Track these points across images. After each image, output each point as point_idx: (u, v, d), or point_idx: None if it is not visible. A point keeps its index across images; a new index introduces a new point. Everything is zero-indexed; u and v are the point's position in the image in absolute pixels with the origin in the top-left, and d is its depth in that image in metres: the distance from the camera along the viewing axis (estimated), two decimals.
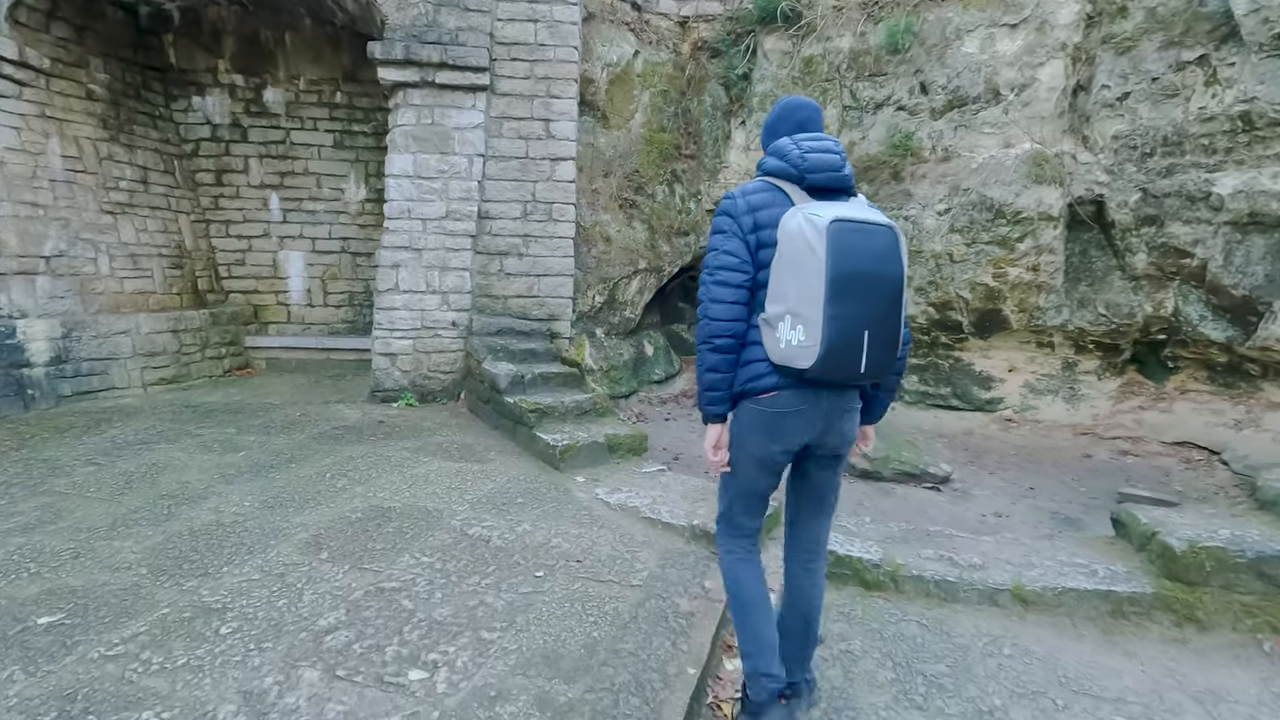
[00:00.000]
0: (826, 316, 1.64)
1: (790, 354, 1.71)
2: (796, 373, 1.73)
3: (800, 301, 1.68)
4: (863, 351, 1.68)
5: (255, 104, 7.31)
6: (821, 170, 1.78)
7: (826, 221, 1.64)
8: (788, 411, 1.78)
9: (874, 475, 4.87)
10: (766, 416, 1.80)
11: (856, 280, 1.66)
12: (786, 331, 1.71)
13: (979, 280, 6.06)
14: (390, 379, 5.79)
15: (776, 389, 1.78)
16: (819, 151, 1.81)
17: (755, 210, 1.81)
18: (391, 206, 5.68)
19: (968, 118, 5.89)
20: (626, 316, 7.17)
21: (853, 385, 1.82)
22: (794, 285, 1.69)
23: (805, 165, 1.78)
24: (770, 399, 1.79)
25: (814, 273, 1.65)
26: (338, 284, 7.72)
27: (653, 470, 4.09)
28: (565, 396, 4.66)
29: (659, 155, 7.40)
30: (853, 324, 1.66)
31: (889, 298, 1.72)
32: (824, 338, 1.65)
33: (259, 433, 4.81)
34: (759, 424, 1.83)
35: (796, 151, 1.81)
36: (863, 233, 1.68)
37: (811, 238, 1.66)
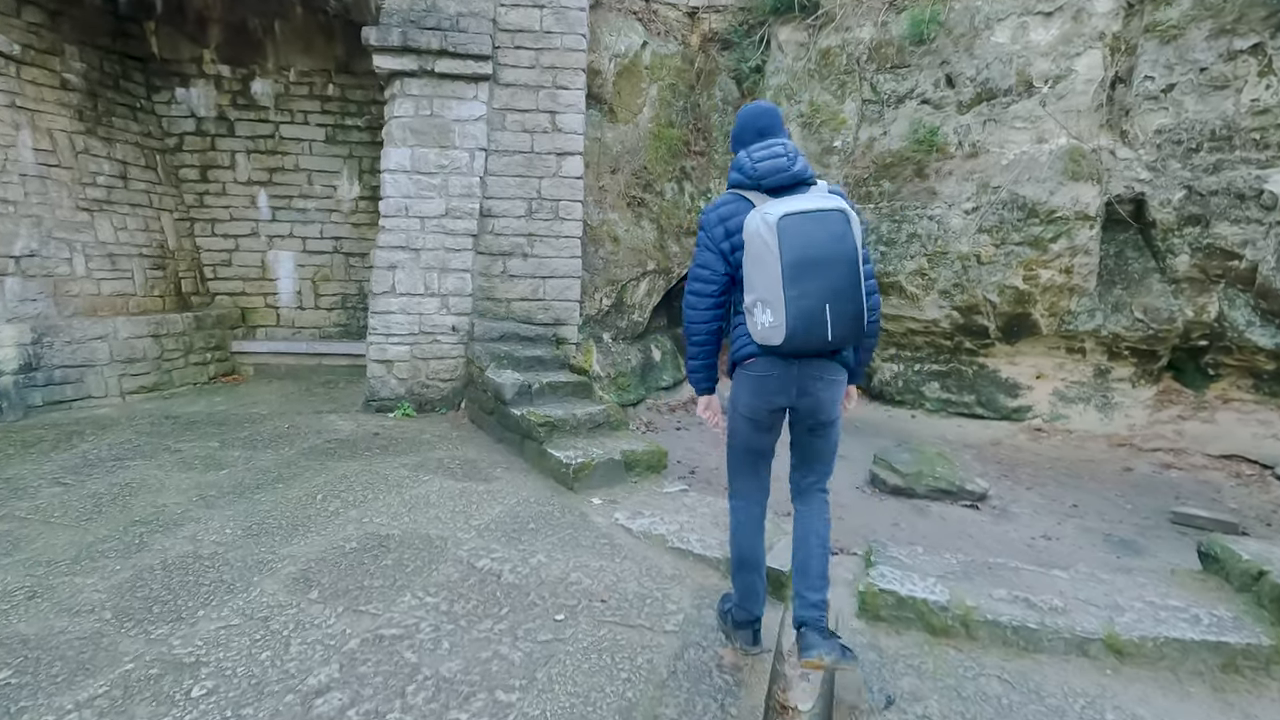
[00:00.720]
0: (787, 298, 1.93)
1: (765, 334, 2.01)
2: (775, 349, 2.02)
3: (766, 289, 1.96)
4: (827, 323, 1.96)
5: (243, 96, 6.94)
6: (772, 173, 2.04)
7: (776, 217, 1.92)
8: (765, 375, 2.11)
9: (907, 492, 4.55)
10: (751, 379, 2.15)
11: (810, 263, 1.92)
12: (760, 315, 2.00)
13: (1008, 283, 5.75)
14: (386, 388, 5.43)
15: (755, 356, 2.11)
16: (768, 158, 2.06)
17: (725, 220, 2.11)
18: (388, 204, 5.32)
19: (998, 111, 5.58)
20: (634, 320, 6.83)
21: (825, 354, 2.09)
22: (759, 276, 1.98)
23: (758, 172, 2.05)
24: (752, 364, 2.14)
25: (771, 263, 1.93)
26: (330, 286, 7.35)
27: (674, 490, 3.76)
28: (576, 408, 4.31)
29: (668, 151, 7.07)
30: (813, 301, 1.93)
31: (845, 273, 1.95)
32: (788, 316, 1.94)
33: (244, 447, 4.44)
34: (746, 386, 2.18)
35: (749, 162, 2.08)
36: (812, 220, 1.94)
37: (765, 233, 1.93)
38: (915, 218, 6.06)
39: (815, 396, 2.11)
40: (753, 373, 2.14)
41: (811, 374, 2.08)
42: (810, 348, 2.00)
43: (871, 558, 2.88)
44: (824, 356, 2.09)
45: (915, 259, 6.12)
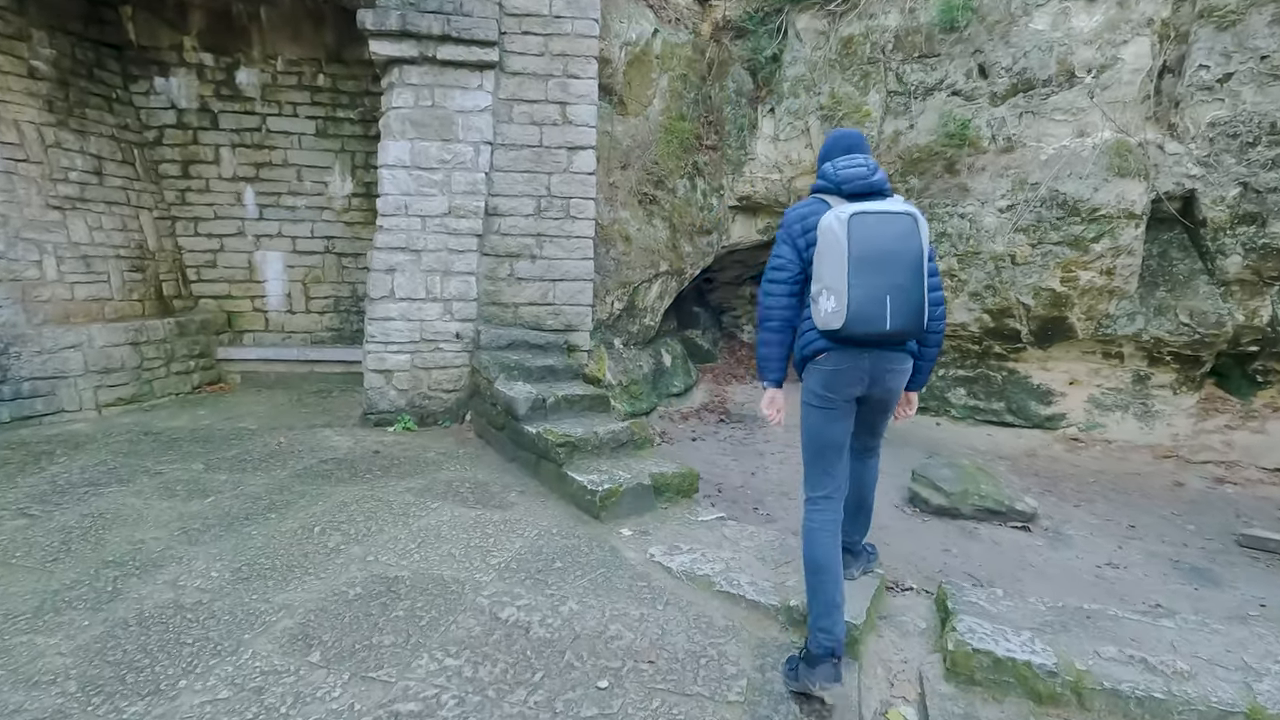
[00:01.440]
0: (850, 286, 2.10)
1: (826, 319, 2.17)
2: (834, 333, 2.17)
3: (832, 279, 2.14)
4: (886, 313, 2.11)
5: (227, 86, 6.51)
6: (852, 180, 2.24)
7: (848, 215, 2.10)
8: (837, 369, 2.26)
9: (951, 512, 4.23)
10: (822, 373, 2.30)
11: (874, 256, 2.09)
12: (824, 302, 2.16)
13: (1044, 285, 5.45)
14: (385, 399, 5.04)
15: (825, 351, 2.27)
16: (849, 167, 2.27)
17: (804, 219, 2.30)
18: (386, 201, 4.93)
19: (1036, 103, 5.26)
20: (646, 324, 6.48)
21: (888, 344, 2.25)
22: (827, 267, 2.15)
23: (840, 179, 2.26)
24: (823, 359, 2.28)
25: (839, 254, 2.10)
26: (321, 288, 6.95)
27: (710, 519, 3.41)
28: (598, 425, 3.96)
29: (679, 146, 6.71)
30: (874, 291, 2.10)
31: (907, 269, 2.13)
32: (848, 302, 2.11)
33: (232, 469, 4.05)
34: (819, 380, 2.32)
35: (833, 171, 2.29)
36: (880, 219, 2.11)
37: (836, 228, 2.11)
38: (945, 216, 5.74)
39: (885, 385, 2.32)
40: (825, 366, 2.29)
41: (882, 365, 2.27)
42: (870, 334, 2.15)
43: (948, 604, 2.54)
44: (889, 346, 2.26)
45: (944, 259, 5.80)
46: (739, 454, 5.64)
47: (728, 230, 7.24)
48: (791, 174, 6.79)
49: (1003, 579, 3.44)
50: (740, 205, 7.22)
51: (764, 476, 5.07)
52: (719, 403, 7.39)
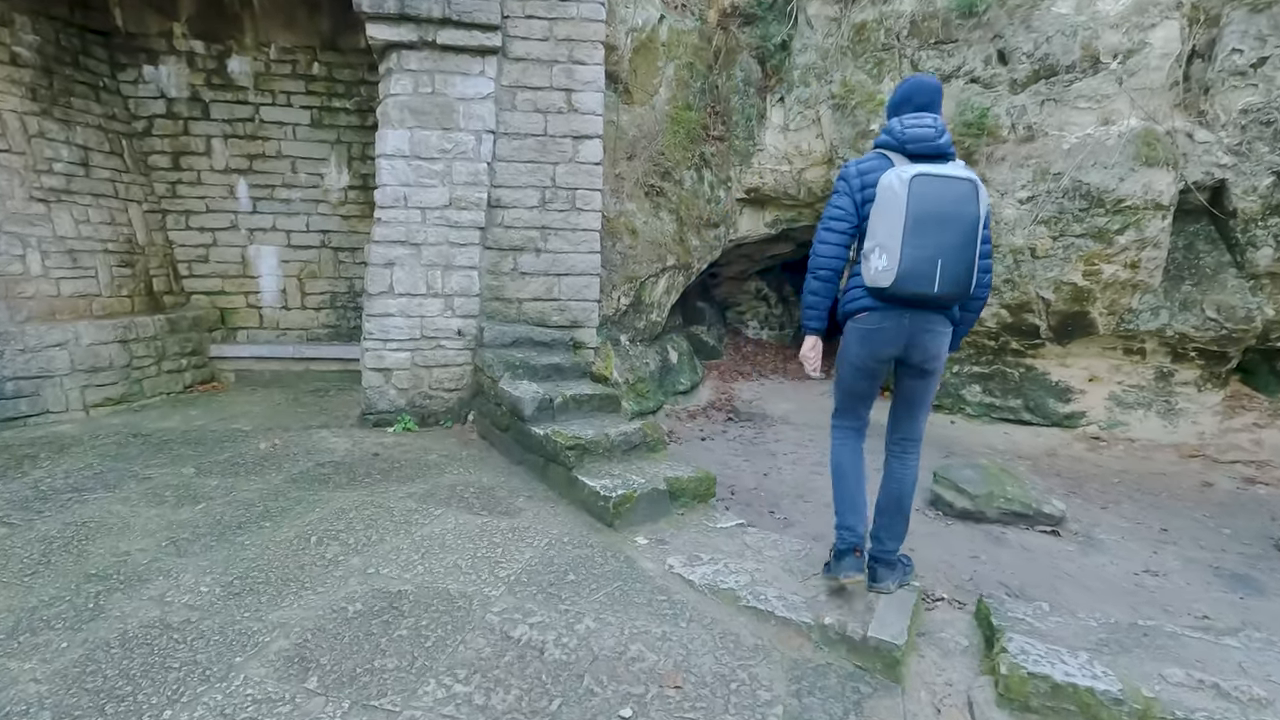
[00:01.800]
0: (904, 245, 2.11)
1: (876, 276, 2.20)
2: (880, 291, 2.21)
3: (887, 236, 2.15)
4: (936, 275, 2.12)
5: (218, 75, 6.29)
6: (918, 141, 2.22)
7: (910, 175, 2.11)
8: (877, 328, 2.31)
9: (976, 515, 4.06)
10: (862, 332, 2.35)
11: (932, 218, 2.09)
12: (875, 260, 2.19)
13: (1065, 279, 5.27)
14: (384, 399, 4.85)
15: (868, 309, 2.30)
16: (916, 126, 2.24)
17: (864, 174, 2.30)
18: (384, 193, 4.73)
19: (1058, 90, 5.07)
20: (653, 320, 6.29)
21: (931, 306, 2.25)
22: (882, 225, 2.17)
23: (905, 138, 2.24)
24: (865, 318, 2.32)
25: (897, 213, 2.11)
26: (317, 283, 6.74)
27: (730, 526, 3.23)
28: (609, 427, 3.77)
29: (686, 136, 6.51)
30: (928, 252, 2.11)
31: (963, 233, 2.13)
32: (900, 261, 2.12)
33: (224, 473, 3.86)
34: (856, 338, 2.37)
35: (899, 128, 2.26)
36: (941, 182, 2.12)
37: (897, 187, 2.12)
38: None
39: (923, 347, 2.33)
40: (864, 325, 2.35)
41: (921, 325, 2.30)
42: (914, 292, 2.18)
43: (993, 620, 2.37)
44: (932, 309, 2.28)
45: None
46: (750, 454, 5.46)
47: (735, 223, 7.06)
48: (802, 165, 6.60)
49: (1038, 588, 3.27)
50: (748, 198, 7.03)
51: (778, 478, 4.90)
52: (726, 400, 7.21)
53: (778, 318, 9.76)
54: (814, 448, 5.70)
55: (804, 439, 5.98)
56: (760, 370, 8.63)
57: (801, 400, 7.37)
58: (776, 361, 9.07)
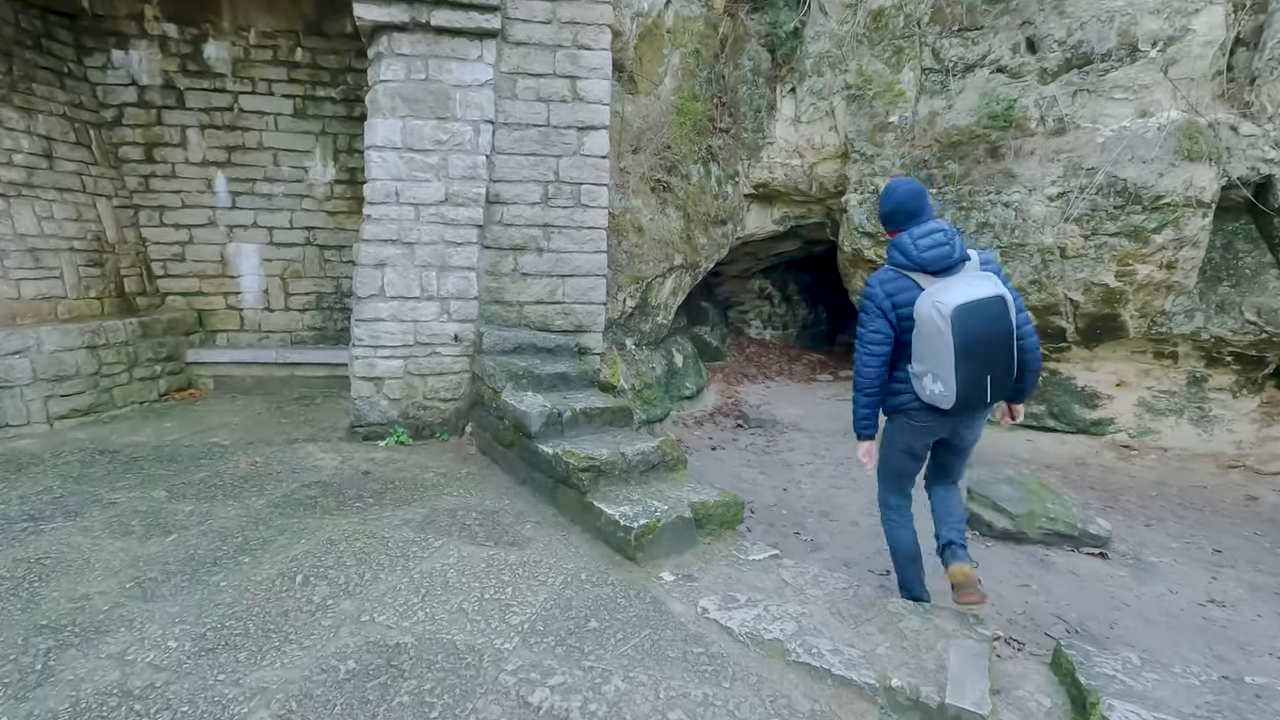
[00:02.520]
0: (957, 375, 2.36)
1: (933, 399, 2.46)
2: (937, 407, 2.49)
3: (938, 365, 2.40)
4: (986, 390, 2.43)
5: (194, 61, 5.88)
6: (937, 261, 2.40)
7: (950, 308, 2.29)
8: (925, 425, 2.61)
9: (1019, 536, 3.78)
10: (911, 427, 2.65)
11: (976, 344, 2.34)
12: (930, 384, 2.45)
13: (1097, 280, 5.00)
14: (375, 410, 4.50)
15: (919, 409, 2.57)
16: (933, 246, 2.41)
17: (892, 295, 2.49)
18: (374, 188, 4.37)
19: (1092, 80, 4.79)
20: (659, 323, 5.97)
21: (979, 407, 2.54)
22: (931, 354, 2.40)
23: (924, 260, 2.41)
24: (915, 414, 2.60)
25: (944, 346, 2.34)
26: (301, 283, 6.36)
27: (763, 558, 2.92)
28: (624, 444, 3.45)
29: (692, 128, 6.19)
30: (977, 374, 2.39)
31: (1003, 347, 2.41)
32: (956, 388, 2.38)
33: (199, 497, 3.50)
34: (906, 430, 2.67)
35: (915, 250, 2.42)
36: (979, 306, 2.31)
37: (939, 321, 2.32)
38: (987, 204, 5.27)
39: (971, 431, 2.65)
40: (915, 422, 2.59)
41: (966, 422, 2.60)
42: (970, 408, 2.46)
43: (1079, 677, 2.07)
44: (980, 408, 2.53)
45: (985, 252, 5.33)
46: (765, 466, 5.17)
47: (743, 220, 6.75)
48: (814, 159, 6.29)
49: (1096, 622, 3.00)
50: (756, 193, 6.72)
51: (797, 493, 4.60)
52: (733, 405, 6.92)
53: (781, 317, 9.47)
54: (829, 457, 5.42)
55: (818, 447, 5.70)
56: (765, 372, 8.35)
57: (810, 405, 7.08)
58: (781, 363, 8.78)
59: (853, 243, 6.05)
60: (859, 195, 5.94)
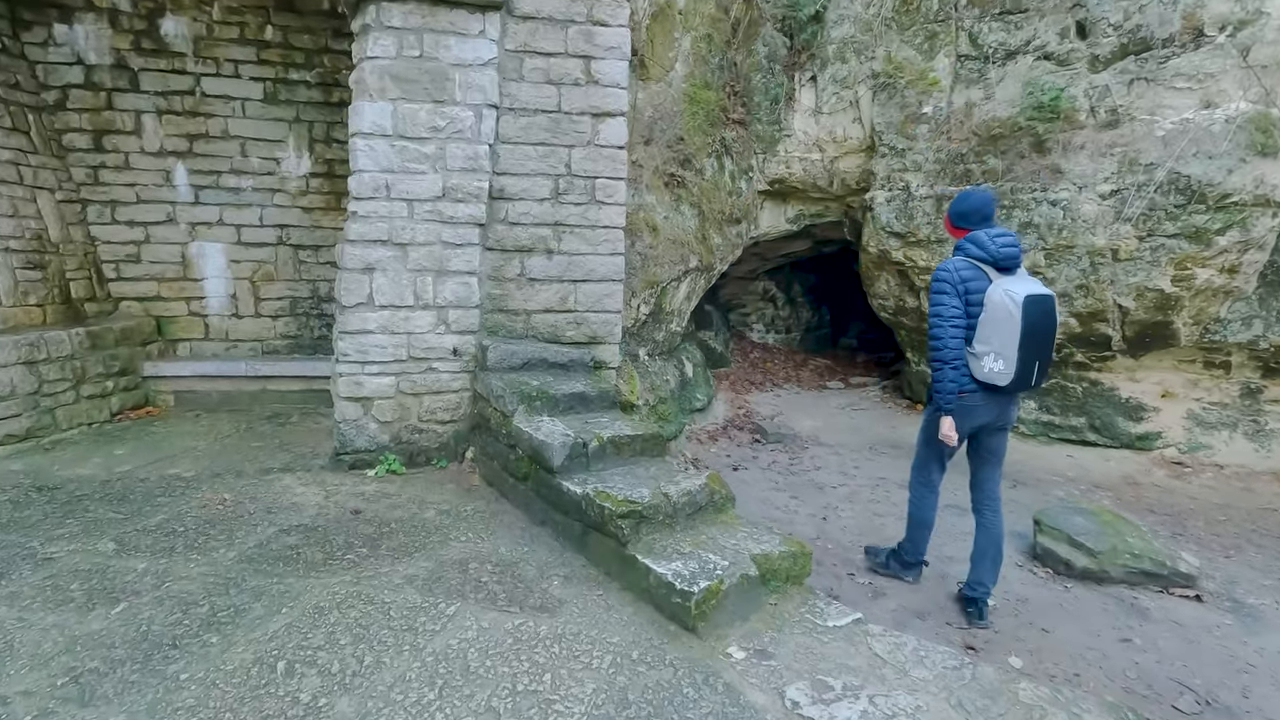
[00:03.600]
0: (1019, 356, 2.72)
1: (992, 376, 2.79)
2: (991, 386, 2.82)
3: (1002, 346, 2.75)
4: (1035, 374, 2.80)
5: (149, 38, 5.23)
6: (1007, 259, 2.82)
7: (1021, 298, 2.70)
8: (980, 406, 2.90)
9: (1100, 576, 3.37)
10: (964, 408, 2.89)
11: (1037, 332, 2.73)
12: (990, 363, 2.78)
13: (1151, 285, 4.64)
14: (363, 435, 3.95)
15: (971, 392, 2.87)
16: (1005, 246, 2.82)
17: (965, 281, 2.85)
18: (360, 181, 3.81)
19: (1151, 68, 4.41)
20: (672, 330, 5.48)
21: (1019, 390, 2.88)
22: (997, 336, 2.75)
23: (1000, 256, 2.81)
24: (967, 396, 2.88)
25: (1012, 329, 2.71)
26: (274, 287, 5.74)
27: (845, 623, 2.45)
28: (664, 481, 2.95)
29: (706, 119, 5.70)
30: (1030, 358, 2.75)
31: (1050, 339, 2.84)
32: (1015, 368, 2.74)
33: (156, 549, 2.92)
34: (958, 412, 2.89)
35: (993, 247, 2.82)
36: (1041, 301, 2.75)
37: (1011, 308, 2.70)
38: (1031, 203, 4.87)
39: (1009, 415, 3.00)
40: (968, 403, 2.89)
41: (1008, 403, 2.96)
42: (1018, 389, 2.83)
43: None
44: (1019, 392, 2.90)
45: (1029, 254, 4.94)
46: (795, 489, 4.71)
47: (756, 219, 6.28)
48: (835, 153, 5.85)
49: (1226, 690, 2.58)
50: (770, 190, 6.26)
51: (838, 522, 4.15)
52: (745, 417, 6.46)
53: (784, 320, 9.05)
54: (861, 477, 4.98)
55: (846, 465, 5.26)
56: (772, 379, 7.91)
57: (826, 415, 6.66)
58: (787, 369, 8.35)
59: (878, 243, 5.62)
60: (886, 192, 5.51)
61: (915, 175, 5.31)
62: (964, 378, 2.83)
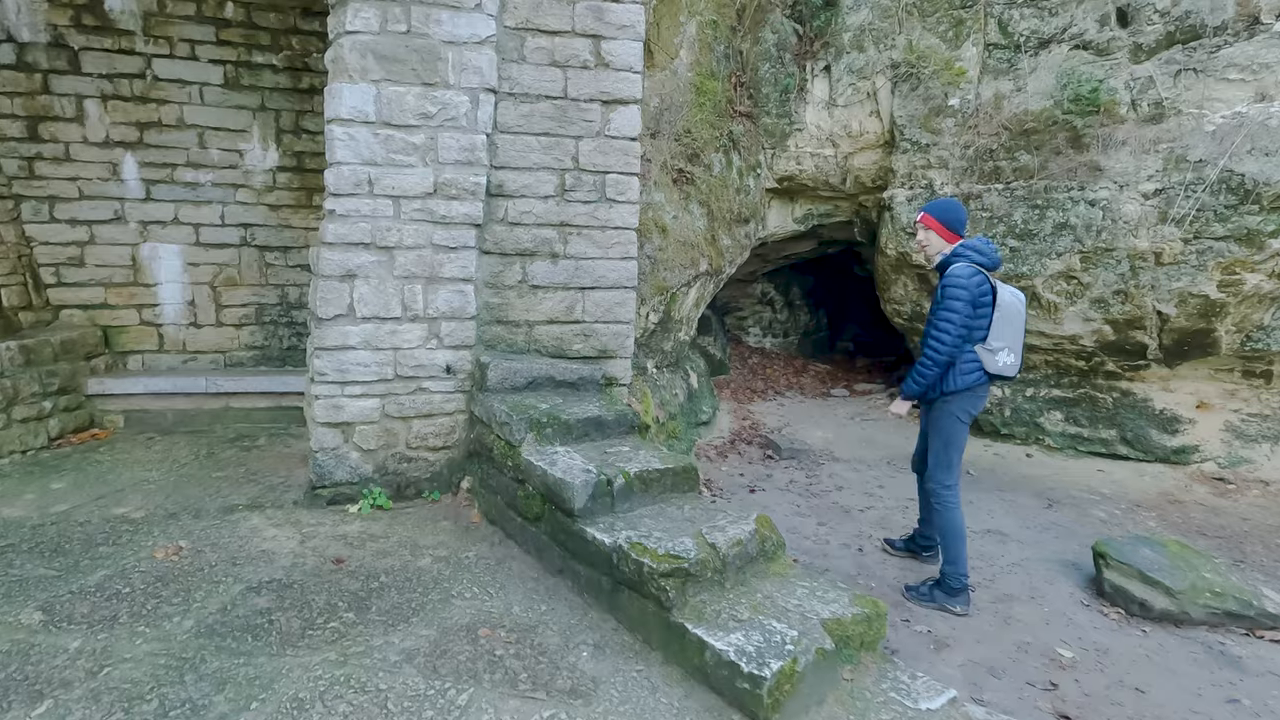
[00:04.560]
0: (1020, 347, 3.11)
1: (1001, 368, 3.07)
2: (998, 376, 3.11)
3: (1013, 341, 3.08)
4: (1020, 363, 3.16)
5: (91, 13, 4.64)
6: (997, 264, 3.14)
7: (1022, 298, 3.14)
8: (984, 396, 3.22)
9: (1179, 618, 3.04)
10: (976, 396, 3.17)
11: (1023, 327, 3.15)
12: (1004, 357, 3.06)
13: (1195, 290, 4.35)
14: (343, 465, 3.45)
15: (980, 384, 3.13)
16: (996, 252, 3.16)
17: (979, 285, 3.03)
18: (339, 175, 3.31)
19: (1200, 58, 4.11)
20: (680, 340, 5.07)
21: None
22: (1010, 332, 3.07)
23: (997, 260, 3.14)
24: (980, 389, 3.16)
25: (1019, 326, 3.10)
26: (237, 292, 5.19)
27: (939, 704, 2.05)
28: (703, 525, 2.52)
29: (713, 111, 5.29)
30: (1020, 348, 3.12)
31: None
32: (1019, 359, 3.11)
33: (94, 619, 2.41)
34: (973, 400, 3.17)
35: (989, 250, 3.13)
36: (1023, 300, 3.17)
37: (1018, 305, 3.10)
38: (1067, 202, 4.56)
39: None
40: (979, 394, 3.19)
41: None
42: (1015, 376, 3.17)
43: None
44: None
45: (1063, 257, 4.64)
46: (820, 513, 4.33)
47: (764, 219, 5.89)
48: (849, 149, 5.49)
49: None
50: (779, 187, 5.87)
51: (875, 555, 3.77)
52: (752, 429, 6.07)
53: (782, 324, 8.70)
54: (888, 498, 4.62)
55: (869, 484, 4.89)
56: (773, 386, 7.54)
57: (835, 426, 6.30)
58: (787, 375, 8.00)
59: (898, 245, 5.27)
60: (907, 190, 5.16)
61: (940, 172, 4.96)
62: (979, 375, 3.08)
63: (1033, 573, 3.57)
